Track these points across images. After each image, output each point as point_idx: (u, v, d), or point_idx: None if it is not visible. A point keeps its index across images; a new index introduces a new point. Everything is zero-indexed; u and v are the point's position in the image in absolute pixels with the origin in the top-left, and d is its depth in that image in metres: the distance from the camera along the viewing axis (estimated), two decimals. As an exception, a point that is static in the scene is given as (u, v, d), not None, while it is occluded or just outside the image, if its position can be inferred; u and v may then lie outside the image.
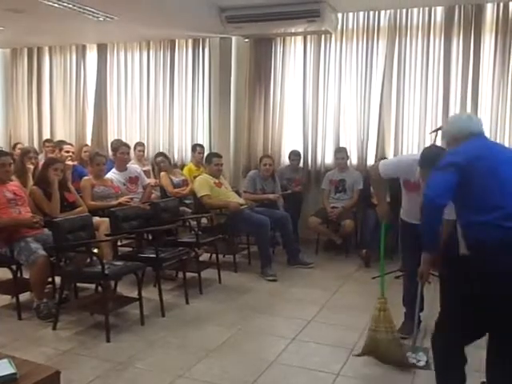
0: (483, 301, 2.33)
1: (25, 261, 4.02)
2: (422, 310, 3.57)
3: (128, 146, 6.01)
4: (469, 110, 5.89)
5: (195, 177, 6.03)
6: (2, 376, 2.06)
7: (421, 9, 6.05)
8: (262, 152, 6.85)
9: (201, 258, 5.18)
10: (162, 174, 6.16)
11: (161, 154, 6.64)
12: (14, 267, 4.10)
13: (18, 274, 4.23)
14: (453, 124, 2.65)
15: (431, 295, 3.59)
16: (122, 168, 5.66)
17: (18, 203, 4.22)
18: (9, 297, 4.31)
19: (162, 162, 6.33)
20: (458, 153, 2.47)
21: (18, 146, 7.40)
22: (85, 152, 6.75)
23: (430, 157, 3.22)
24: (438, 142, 5.62)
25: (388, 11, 6.18)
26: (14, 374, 2.09)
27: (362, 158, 6.48)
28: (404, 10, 6.12)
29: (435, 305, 2.77)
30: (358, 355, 3.42)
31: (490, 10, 5.81)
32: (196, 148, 6.78)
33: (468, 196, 2.36)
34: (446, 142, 2.70)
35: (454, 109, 5.97)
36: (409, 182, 3.54)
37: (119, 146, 5.89)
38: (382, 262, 3.59)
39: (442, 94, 6.02)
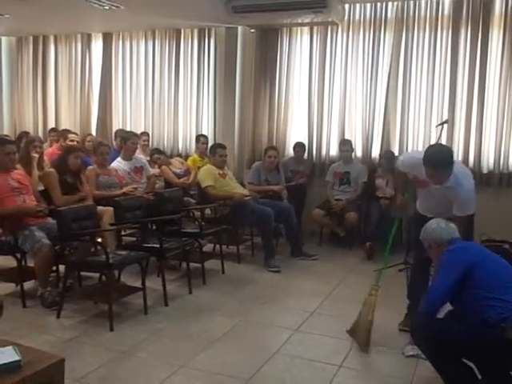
0: None
1: (29, 249, 4.03)
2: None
3: (138, 137, 6.07)
4: (475, 103, 5.86)
5: (199, 167, 6.03)
6: (7, 363, 2.08)
7: (428, 1, 5.98)
8: (267, 143, 6.82)
9: (204, 249, 5.17)
10: (163, 167, 6.15)
11: (155, 150, 6.60)
12: (18, 255, 4.12)
13: (23, 263, 4.23)
14: (434, 231, 2.99)
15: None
16: (129, 157, 5.66)
17: (22, 192, 4.22)
18: (13, 285, 4.33)
19: (158, 159, 6.31)
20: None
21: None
22: (88, 141, 6.73)
23: (433, 156, 3.21)
24: (444, 136, 5.63)
25: (395, 3, 6.12)
26: (19, 361, 2.10)
27: (367, 151, 6.45)
28: (411, 2, 6.05)
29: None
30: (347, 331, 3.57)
31: (498, 3, 5.74)
32: (200, 139, 6.76)
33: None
34: (428, 244, 3.04)
35: (461, 102, 5.93)
36: (418, 179, 3.53)
37: (131, 135, 5.90)
38: (387, 253, 3.58)
39: (449, 87, 5.97)
